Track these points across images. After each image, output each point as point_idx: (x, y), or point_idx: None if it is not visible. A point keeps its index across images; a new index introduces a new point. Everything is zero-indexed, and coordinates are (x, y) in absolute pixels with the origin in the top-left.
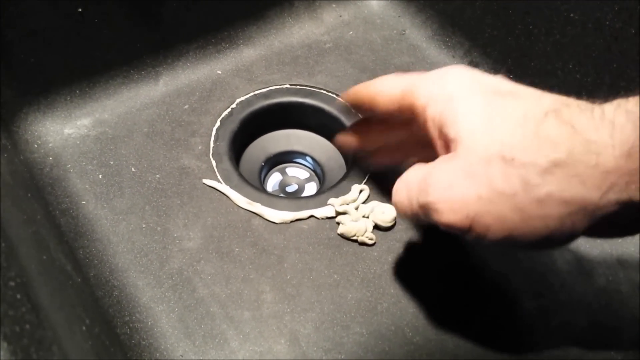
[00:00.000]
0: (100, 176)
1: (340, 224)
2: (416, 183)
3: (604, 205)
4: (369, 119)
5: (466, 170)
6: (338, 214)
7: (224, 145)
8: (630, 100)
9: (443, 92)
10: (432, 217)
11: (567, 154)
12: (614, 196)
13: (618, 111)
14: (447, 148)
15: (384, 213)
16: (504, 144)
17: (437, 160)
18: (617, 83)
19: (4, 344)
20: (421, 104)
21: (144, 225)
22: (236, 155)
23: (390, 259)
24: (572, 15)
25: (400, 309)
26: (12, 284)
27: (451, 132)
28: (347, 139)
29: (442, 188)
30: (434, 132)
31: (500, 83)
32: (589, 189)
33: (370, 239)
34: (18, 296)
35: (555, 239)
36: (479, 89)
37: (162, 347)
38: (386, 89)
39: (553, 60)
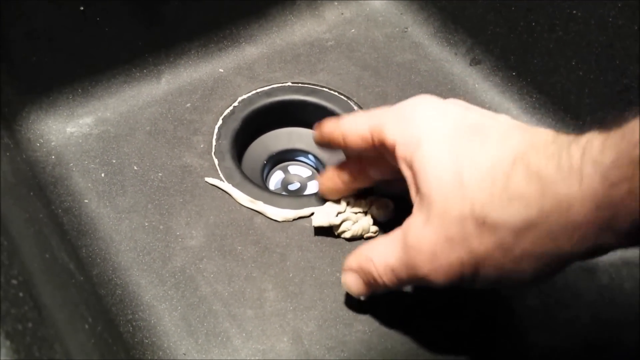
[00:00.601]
0: (102, 175)
1: (344, 232)
2: (396, 257)
3: (575, 253)
4: (345, 160)
5: (444, 235)
6: (338, 225)
7: (226, 144)
8: (595, 144)
9: (412, 134)
10: (430, 285)
11: (538, 213)
12: (584, 245)
13: (585, 160)
14: (421, 197)
15: (382, 207)
16: (474, 204)
17: (413, 221)
18: (619, 80)
19: (6, 342)
20: (390, 143)
21: (146, 224)
22: (238, 153)
23: None
24: (574, 12)
25: (403, 307)
26: (14, 282)
27: (423, 187)
28: (330, 184)
29: (429, 259)
30: (407, 173)
31: (467, 115)
32: (560, 244)
33: (375, 232)
34: (20, 294)
35: (532, 282)
36: (447, 130)
37: (165, 345)
38: (354, 128)
39: (556, 57)
